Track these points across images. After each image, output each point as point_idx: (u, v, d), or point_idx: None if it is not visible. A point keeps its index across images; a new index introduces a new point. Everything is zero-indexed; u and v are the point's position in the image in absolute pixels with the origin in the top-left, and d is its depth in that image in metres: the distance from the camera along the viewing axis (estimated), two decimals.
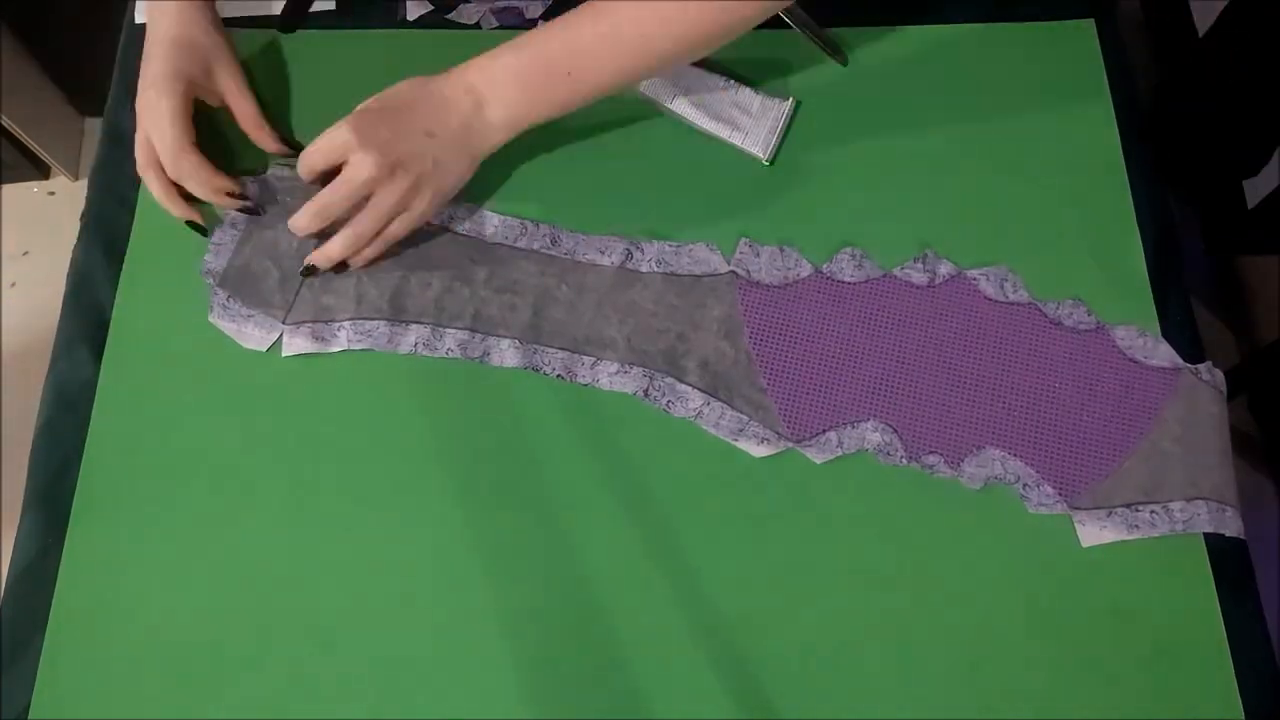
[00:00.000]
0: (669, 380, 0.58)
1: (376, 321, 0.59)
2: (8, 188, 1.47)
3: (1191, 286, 0.63)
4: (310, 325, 0.59)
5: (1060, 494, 0.56)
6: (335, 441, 0.58)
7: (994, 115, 0.67)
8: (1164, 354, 0.59)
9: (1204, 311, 1.33)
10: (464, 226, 0.62)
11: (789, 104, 0.66)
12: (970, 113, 0.67)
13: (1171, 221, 0.65)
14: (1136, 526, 0.55)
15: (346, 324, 0.59)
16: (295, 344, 0.59)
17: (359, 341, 0.59)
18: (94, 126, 1.50)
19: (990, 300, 0.60)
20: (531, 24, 0.71)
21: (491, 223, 0.62)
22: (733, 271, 0.61)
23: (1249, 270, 1.34)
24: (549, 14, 0.71)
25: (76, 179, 1.48)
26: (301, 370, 0.59)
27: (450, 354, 0.59)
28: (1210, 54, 1.26)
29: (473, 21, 0.71)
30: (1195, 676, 0.53)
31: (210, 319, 0.60)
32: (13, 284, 1.41)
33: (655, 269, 0.61)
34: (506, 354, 0.59)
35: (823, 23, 0.69)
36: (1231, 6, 1.21)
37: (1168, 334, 0.60)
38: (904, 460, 0.57)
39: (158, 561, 0.55)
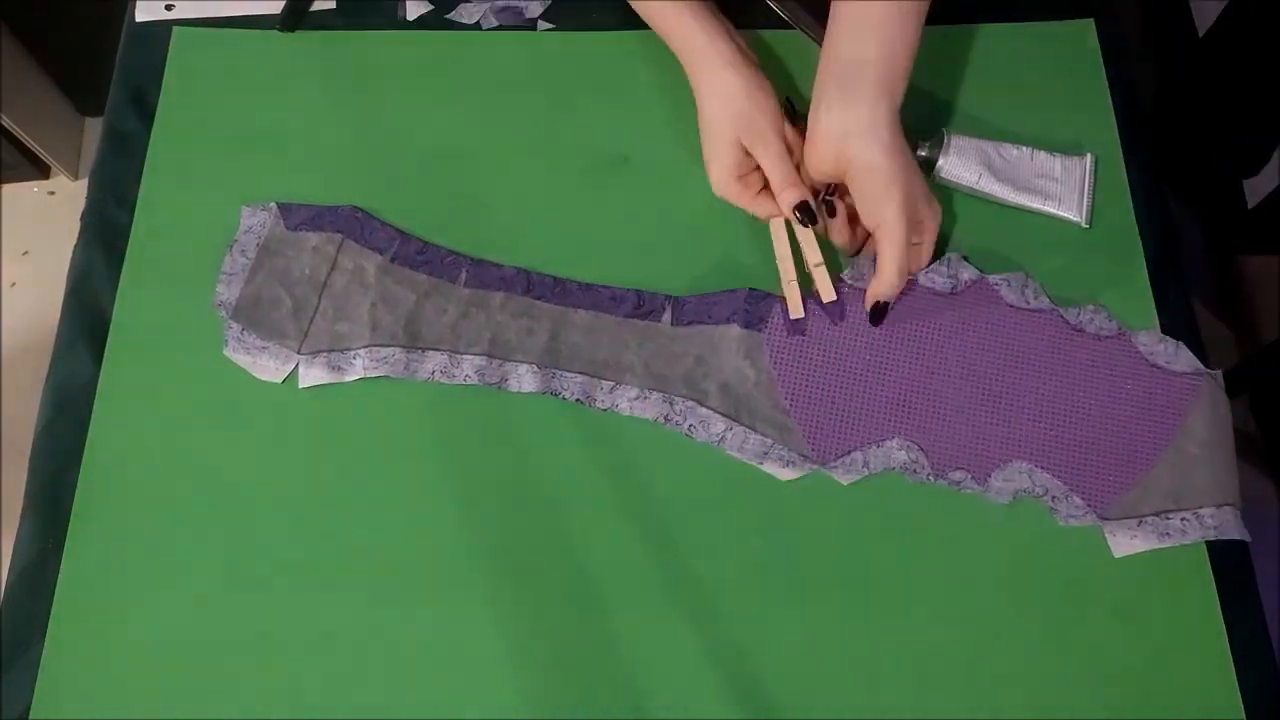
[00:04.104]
0: (690, 404, 0.57)
1: (392, 349, 0.58)
2: (8, 188, 1.47)
3: (1191, 286, 0.63)
4: (326, 355, 0.58)
5: (1089, 505, 0.55)
6: (337, 442, 0.58)
7: (993, 115, 0.67)
8: (1185, 359, 0.58)
9: (1204, 311, 1.33)
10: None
11: (1089, 160, 0.64)
12: (970, 112, 0.67)
13: (1171, 221, 0.65)
14: (1168, 534, 0.54)
15: (362, 352, 0.58)
16: (311, 374, 0.58)
17: (375, 369, 0.58)
18: (94, 126, 1.50)
19: (1012, 307, 0.60)
20: (531, 24, 0.71)
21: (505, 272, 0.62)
22: (750, 288, 0.61)
23: (1249, 270, 1.34)
24: (549, 14, 0.71)
25: (76, 179, 1.48)
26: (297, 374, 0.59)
27: (468, 380, 0.58)
28: (1210, 54, 1.26)
29: (472, 21, 0.71)
30: (1195, 676, 0.53)
31: (225, 352, 0.59)
32: (13, 284, 1.41)
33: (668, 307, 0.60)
34: (525, 379, 0.58)
35: (823, 22, 0.69)
36: (1231, 6, 1.21)
37: (1168, 334, 0.60)
38: (931, 478, 0.56)
39: (158, 562, 0.55)
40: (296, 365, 0.59)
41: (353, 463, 0.57)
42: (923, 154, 0.64)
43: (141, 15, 0.71)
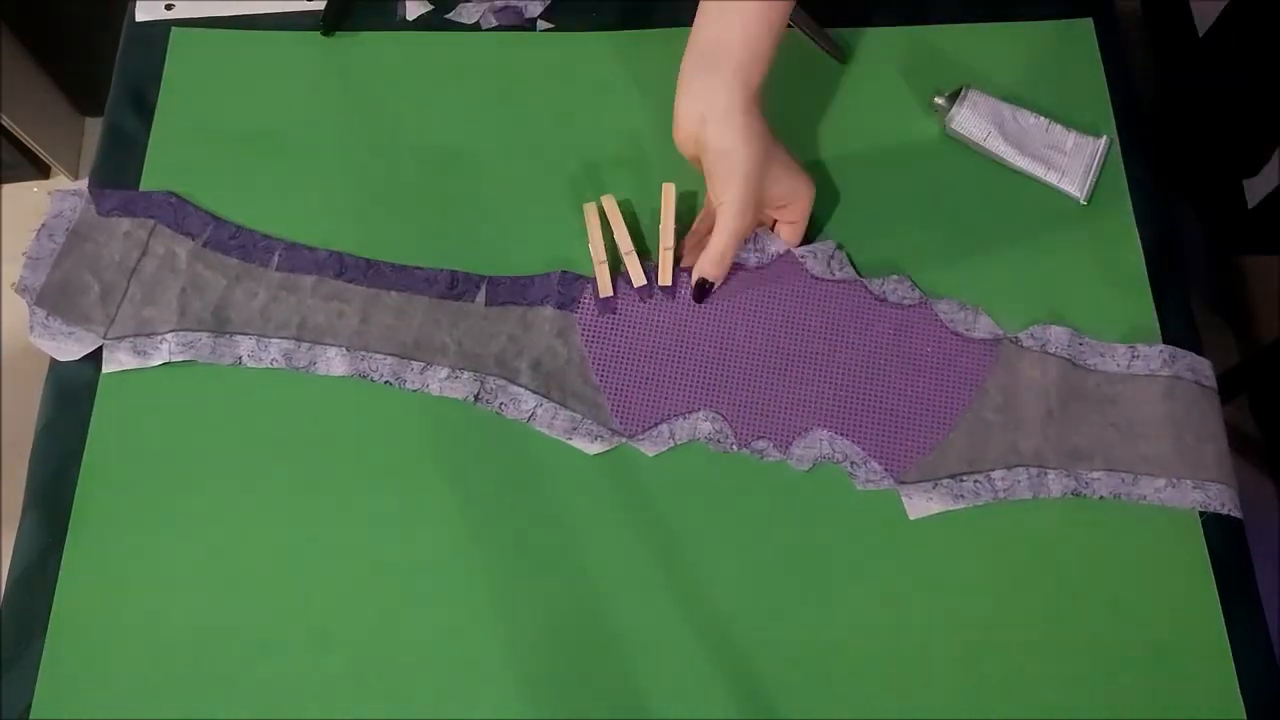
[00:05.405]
0: (501, 382, 0.57)
1: (199, 333, 0.58)
2: (8, 188, 1.47)
3: (1191, 286, 0.63)
4: (131, 339, 0.58)
5: (887, 470, 0.56)
6: (336, 442, 0.58)
7: None
8: (984, 326, 0.60)
9: (1204, 311, 1.33)
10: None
11: (1103, 142, 0.65)
12: None
13: (1171, 221, 0.65)
14: (961, 497, 0.56)
15: (169, 336, 0.58)
16: (116, 359, 0.58)
17: (181, 354, 0.58)
18: (94, 126, 1.50)
19: (817, 279, 0.61)
20: (531, 24, 0.71)
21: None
22: (564, 270, 0.61)
23: (1249, 270, 1.34)
24: (549, 14, 0.71)
25: (76, 179, 1.48)
26: (299, 377, 0.59)
27: (275, 364, 0.58)
28: (1210, 54, 1.26)
29: (472, 21, 0.71)
30: (1195, 676, 0.53)
31: (30, 337, 0.58)
32: (13, 284, 1.41)
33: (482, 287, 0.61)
34: (334, 362, 0.58)
35: (823, 23, 0.69)
36: (1231, 6, 1.21)
37: (1168, 334, 0.60)
38: (735, 447, 0.57)
39: (158, 562, 0.55)
40: (100, 348, 0.58)
41: (354, 463, 0.57)
42: (939, 101, 0.66)
43: (141, 15, 0.71)
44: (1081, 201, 0.64)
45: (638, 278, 0.60)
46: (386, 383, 0.58)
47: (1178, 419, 0.57)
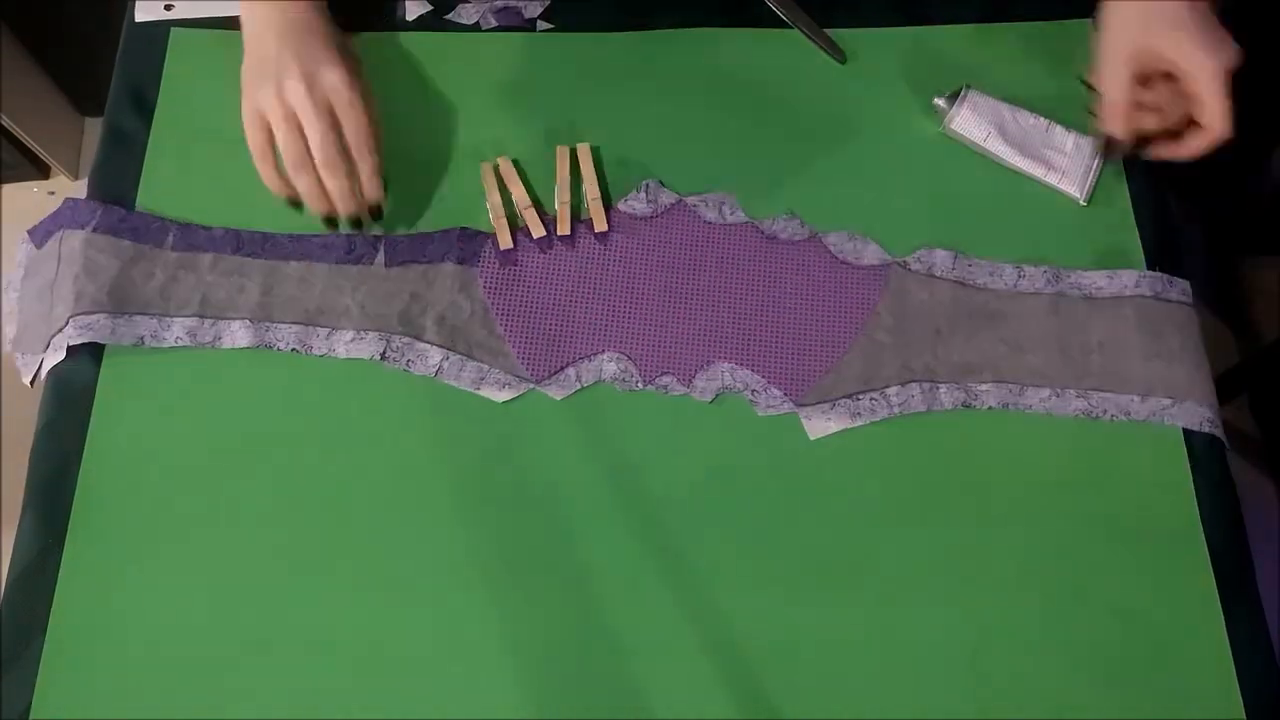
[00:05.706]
0: (406, 340, 0.59)
1: (97, 315, 0.58)
2: (8, 188, 1.47)
3: (1191, 286, 0.63)
4: (52, 338, 0.59)
5: (787, 395, 0.58)
6: (334, 444, 0.58)
7: None
8: (873, 253, 0.62)
9: (1204, 311, 1.32)
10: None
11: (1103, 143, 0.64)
12: None
13: (1171, 221, 0.65)
14: (859, 414, 0.58)
15: (69, 322, 0.59)
16: (49, 359, 0.59)
17: (80, 337, 0.58)
18: (94, 126, 1.50)
19: (709, 224, 0.63)
20: (531, 24, 0.71)
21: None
22: (463, 227, 0.62)
23: (1249, 270, 1.34)
24: (548, 14, 0.71)
25: (76, 179, 1.48)
26: (300, 374, 0.59)
27: (180, 343, 0.59)
28: None
29: (471, 21, 0.71)
30: (1195, 676, 0.53)
31: (24, 381, 0.60)
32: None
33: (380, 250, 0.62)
34: (238, 335, 0.59)
35: (823, 23, 0.69)
36: (1232, 6, 1.21)
37: None
38: (640, 385, 0.59)
39: (158, 562, 0.55)
40: (41, 362, 0.59)
41: (352, 464, 0.57)
42: (939, 102, 0.66)
43: (141, 15, 0.71)
44: (1081, 202, 0.64)
45: (537, 229, 0.62)
46: (293, 350, 0.59)
47: (1149, 339, 0.59)
